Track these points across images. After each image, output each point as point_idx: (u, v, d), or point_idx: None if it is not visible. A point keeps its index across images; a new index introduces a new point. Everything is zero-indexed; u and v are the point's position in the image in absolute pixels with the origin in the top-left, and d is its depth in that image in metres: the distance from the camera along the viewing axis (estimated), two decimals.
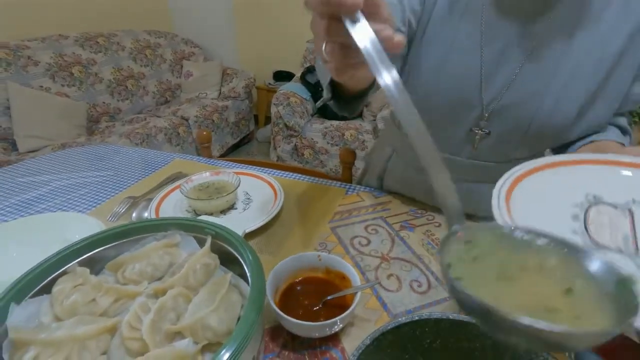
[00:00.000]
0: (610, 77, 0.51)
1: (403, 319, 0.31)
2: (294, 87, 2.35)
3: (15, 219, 0.63)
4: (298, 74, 2.55)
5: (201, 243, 0.42)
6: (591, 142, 0.56)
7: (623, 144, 0.55)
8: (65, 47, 2.09)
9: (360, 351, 0.29)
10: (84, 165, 0.84)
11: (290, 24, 2.95)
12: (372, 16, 0.26)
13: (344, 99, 0.48)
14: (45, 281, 0.36)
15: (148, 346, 0.30)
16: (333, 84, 0.46)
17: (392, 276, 0.52)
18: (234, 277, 0.39)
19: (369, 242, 0.58)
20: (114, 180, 0.77)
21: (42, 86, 1.93)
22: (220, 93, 2.72)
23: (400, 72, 0.59)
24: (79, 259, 0.39)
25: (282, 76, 2.94)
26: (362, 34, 0.25)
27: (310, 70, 2.45)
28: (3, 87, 1.77)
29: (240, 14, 3.06)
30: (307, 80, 2.39)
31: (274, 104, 2.21)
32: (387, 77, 0.25)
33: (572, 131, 0.54)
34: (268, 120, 3.11)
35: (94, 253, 0.40)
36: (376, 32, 0.26)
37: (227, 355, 0.27)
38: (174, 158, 0.88)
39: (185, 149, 2.26)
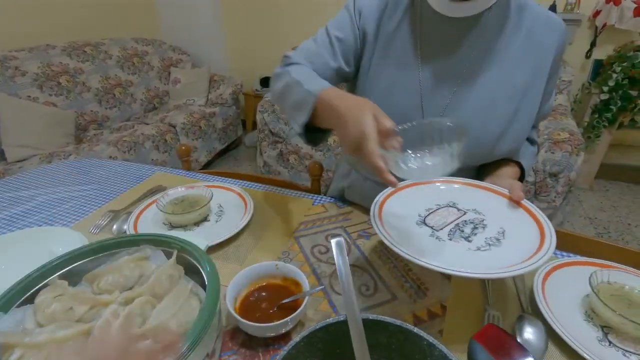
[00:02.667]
0: (521, 103, 0.59)
1: (331, 320, 0.38)
2: None
3: (3, 233, 0.68)
4: None
5: (169, 255, 0.48)
6: (497, 165, 0.67)
7: (520, 164, 0.67)
8: (53, 57, 2.13)
9: (290, 346, 0.35)
10: (69, 179, 0.89)
11: (277, 30, 3.01)
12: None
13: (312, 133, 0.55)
14: (29, 293, 0.42)
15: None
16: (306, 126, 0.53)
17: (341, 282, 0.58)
18: (195, 286, 0.45)
19: (326, 250, 0.65)
20: (97, 194, 0.82)
21: (29, 96, 1.97)
22: (207, 99, 2.77)
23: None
24: (60, 273, 0.45)
25: (269, 82, 3.00)
26: None
27: None
28: None
29: (228, 20, 3.12)
30: None
31: (260, 111, 2.27)
32: None
33: (497, 149, 0.62)
34: (255, 125, 3.17)
35: (73, 266, 0.46)
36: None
37: (177, 354, 0.33)
38: (155, 171, 0.93)
39: (172, 156, 2.30)
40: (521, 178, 0.68)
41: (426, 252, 0.47)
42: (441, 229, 0.53)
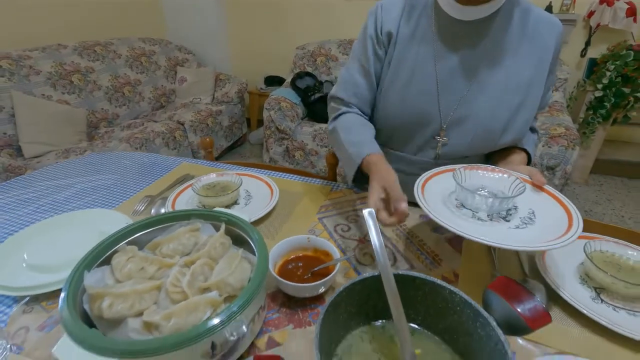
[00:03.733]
0: (527, 95, 0.66)
1: (367, 274, 0.45)
2: (284, 92, 2.48)
3: (51, 216, 0.74)
4: (288, 79, 2.67)
5: (216, 228, 0.55)
6: (507, 152, 0.74)
7: (526, 151, 0.74)
8: (65, 56, 2.19)
9: (336, 294, 0.42)
10: (103, 169, 0.96)
11: (281, 30, 3.08)
12: None
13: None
14: (104, 257, 0.49)
15: (187, 296, 0.43)
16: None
17: (366, 254, 0.65)
18: (244, 252, 0.52)
19: (349, 228, 0.72)
20: (130, 182, 0.89)
21: (44, 94, 2.02)
22: (213, 98, 2.83)
23: (375, 97, 0.77)
24: (127, 240, 0.51)
25: (273, 81, 3.07)
26: None
27: (300, 76, 2.58)
28: (8, 96, 1.86)
29: (232, 21, 3.18)
30: (297, 85, 2.52)
31: (266, 108, 2.33)
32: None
33: (503, 137, 0.69)
34: (260, 123, 3.23)
35: (136, 236, 0.53)
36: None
37: (240, 302, 0.40)
38: (182, 162, 1.00)
39: (181, 152, 2.36)
40: (528, 163, 0.76)
41: (474, 231, 0.50)
42: (478, 210, 0.58)
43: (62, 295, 0.41)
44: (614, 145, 2.68)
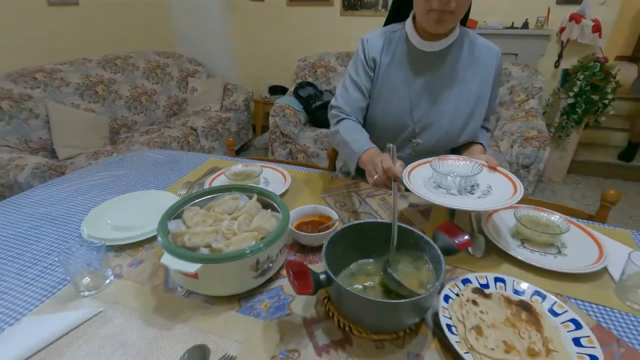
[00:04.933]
0: (475, 106, 0.90)
1: (355, 221, 0.67)
2: (288, 100, 2.72)
3: (117, 195, 0.96)
4: (291, 89, 2.92)
5: (250, 197, 0.78)
6: (467, 146, 0.96)
7: (482, 144, 0.95)
8: (90, 69, 2.43)
9: (335, 232, 0.64)
10: (144, 163, 1.18)
11: (284, 44, 3.34)
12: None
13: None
14: (176, 213, 0.71)
15: (237, 234, 0.65)
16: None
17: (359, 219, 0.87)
18: (271, 213, 0.74)
19: (345, 204, 0.94)
20: (169, 172, 1.11)
21: (73, 103, 2.26)
22: (222, 106, 3.07)
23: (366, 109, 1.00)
24: (191, 204, 0.74)
25: (277, 90, 3.32)
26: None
27: (302, 85, 2.82)
28: (43, 105, 2.09)
29: (238, 34, 3.44)
30: (299, 94, 2.76)
31: (272, 115, 2.57)
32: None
33: (461, 137, 0.93)
34: (264, 129, 3.47)
35: (195, 202, 0.75)
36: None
37: (272, 237, 0.62)
38: (209, 158, 1.22)
39: None
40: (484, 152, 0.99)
41: (451, 201, 0.73)
42: (450, 188, 0.79)
43: (158, 235, 0.63)
44: (589, 148, 2.93)
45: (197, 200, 0.76)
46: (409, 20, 0.90)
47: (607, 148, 2.99)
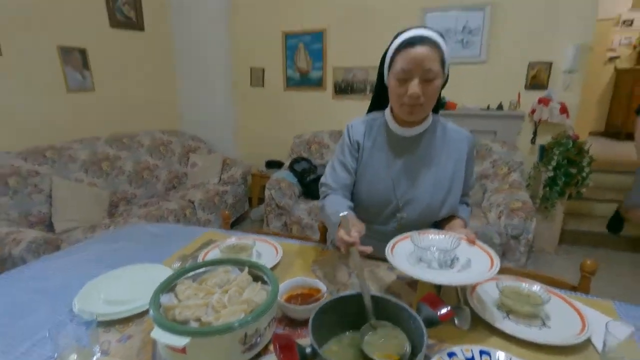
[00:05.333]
0: (452, 185, 0.99)
1: (343, 293, 0.70)
2: (283, 174, 2.85)
3: (112, 269, 0.99)
4: (287, 163, 3.08)
5: (241, 270, 0.81)
6: (449, 220, 1.02)
7: (463, 218, 1.01)
8: (98, 147, 2.59)
9: (323, 304, 0.66)
10: (144, 237, 1.22)
11: (280, 123, 3.61)
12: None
13: None
14: (169, 287, 0.74)
15: (227, 307, 0.67)
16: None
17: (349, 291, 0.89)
18: (261, 285, 0.77)
19: (335, 276, 0.97)
20: (167, 245, 1.15)
21: (77, 178, 2.36)
22: (220, 179, 3.20)
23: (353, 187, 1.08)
24: (183, 277, 0.77)
25: (273, 164, 3.48)
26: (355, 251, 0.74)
27: (297, 160, 2.99)
28: (48, 180, 2.18)
29: (239, 113, 3.74)
30: (295, 168, 2.91)
31: (268, 188, 2.67)
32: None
33: (440, 213, 1.00)
34: (260, 201, 3.56)
35: (188, 275, 0.78)
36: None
37: (261, 309, 0.65)
38: (204, 231, 1.27)
39: None
40: (465, 226, 1.04)
41: (431, 275, 0.76)
42: (431, 262, 0.83)
43: (150, 308, 0.65)
44: (576, 218, 3.01)
45: (190, 274, 0.79)
46: (387, 110, 1.03)
47: (594, 218, 3.07)
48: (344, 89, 3.32)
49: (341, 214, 0.79)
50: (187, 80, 3.61)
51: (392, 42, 0.94)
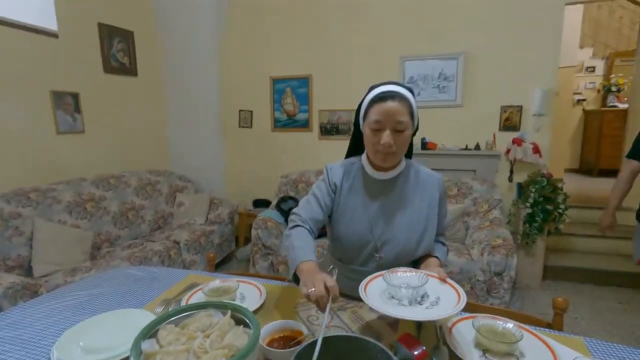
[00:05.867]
0: (427, 225, 1.05)
1: (325, 335, 0.71)
2: (270, 213, 2.88)
3: (92, 315, 0.98)
4: (274, 202, 3.11)
5: (224, 314, 0.82)
6: (425, 258, 1.06)
7: (438, 257, 1.05)
8: (84, 188, 2.59)
9: (301, 347, 0.68)
10: (126, 281, 1.22)
11: (268, 163, 3.69)
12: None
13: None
14: (151, 332, 0.74)
15: (208, 352, 0.68)
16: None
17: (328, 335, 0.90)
18: (243, 329, 0.78)
19: (318, 317, 0.98)
20: (150, 289, 1.14)
21: (60, 220, 2.33)
22: (207, 219, 3.19)
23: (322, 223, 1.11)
24: (166, 322, 0.77)
25: (260, 203, 3.51)
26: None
27: (284, 199, 3.03)
28: (30, 222, 2.15)
29: (227, 155, 3.80)
30: (281, 207, 2.94)
31: (254, 227, 2.68)
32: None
33: (417, 252, 1.05)
34: (247, 240, 3.53)
35: (171, 320, 0.79)
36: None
37: (242, 353, 0.66)
38: (188, 273, 1.27)
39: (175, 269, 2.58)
40: (440, 264, 1.08)
41: (400, 312, 0.79)
42: (402, 299, 0.86)
43: (131, 355, 0.65)
44: (558, 253, 3.07)
45: (172, 319, 0.79)
46: (364, 155, 1.10)
47: (575, 253, 3.14)
48: (329, 130, 3.46)
49: (332, 267, 0.85)
50: (177, 122, 3.71)
51: (366, 94, 1.03)
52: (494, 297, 2.17)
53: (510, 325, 0.85)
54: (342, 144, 3.40)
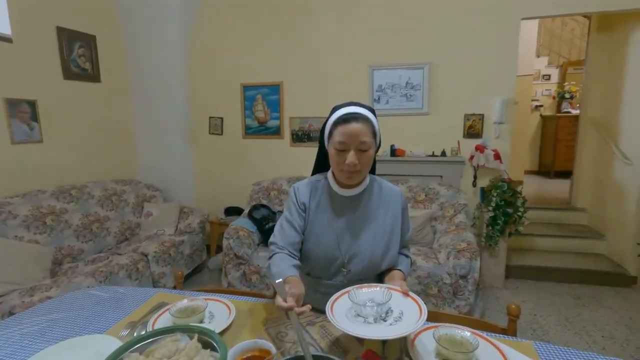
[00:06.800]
0: (391, 237, 1.09)
1: (289, 356, 0.73)
2: (242, 222, 2.85)
3: (52, 344, 0.94)
4: (246, 210, 3.09)
5: (191, 337, 0.82)
6: (389, 271, 1.10)
7: (401, 270, 1.09)
8: (43, 200, 2.46)
9: None
10: (88, 303, 1.18)
11: (239, 170, 3.65)
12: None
13: None
14: None
15: None
16: None
17: (297, 351, 0.92)
18: (211, 352, 0.78)
19: (287, 334, 0.99)
20: (114, 311, 1.11)
21: (16, 236, 2.21)
22: (177, 229, 3.12)
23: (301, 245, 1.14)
24: (130, 350, 0.76)
25: (232, 211, 3.47)
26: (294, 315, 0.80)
27: (256, 207, 3.01)
28: None
29: (197, 163, 3.73)
30: (254, 216, 2.92)
31: (226, 237, 2.65)
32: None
33: (382, 264, 1.09)
34: (219, 249, 3.48)
35: (136, 347, 0.78)
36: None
37: None
38: (156, 292, 1.25)
39: (142, 282, 2.50)
40: (404, 277, 1.13)
41: (365, 330, 0.82)
42: (367, 316, 0.89)
43: None
44: (519, 253, 3.25)
45: (136, 346, 0.78)
46: (329, 172, 1.13)
47: (535, 252, 3.34)
48: (300, 137, 3.48)
49: (276, 281, 0.84)
50: (144, 129, 3.60)
51: (330, 115, 1.06)
52: (460, 299, 2.26)
53: (467, 333, 0.91)
54: (314, 151, 3.41)
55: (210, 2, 3.48)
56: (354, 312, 0.91)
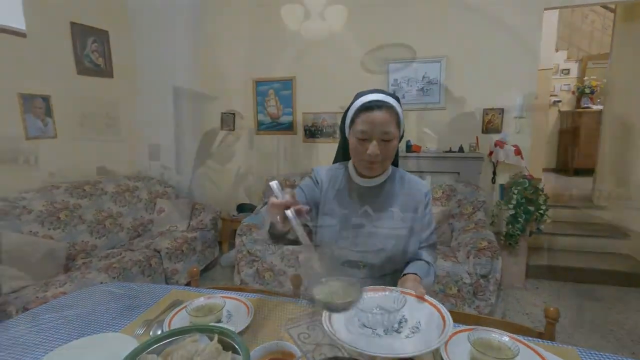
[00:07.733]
0: (412, 228, 1.02)
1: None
2: (255, 219, 2.81)
3: (70, 340, 0.90)
4: (259, 207, 3.05)
5: (210, 338, 0.77)
6: (404, 275, 1.02)
7: (416, 274, 1.00)
8: (57, 196, 2.45)
9: None
10: (103, 300, 1.14)
11: (252, 166, 3.62)
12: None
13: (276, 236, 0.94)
14: None
15: None
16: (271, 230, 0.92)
17: (321, 353, 0.87)
18: (232, 354, 0.73)
19: (309, 335, 0.94)
20: (129, 309, 1.08)
21: (31, 231, 2.20)
22: (189, 225, 3.09)
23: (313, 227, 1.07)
24: (147, 351, 0.72)
25: (245, 208, 3.44)
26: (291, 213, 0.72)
27: None
28: None
29: (210, 158, 3.71)
30: None
31: (239, 234, 2.61)
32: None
33: (401, 261, 1.02)
34: (231, 245, 3.46)
35: (153, 347, 0.73)
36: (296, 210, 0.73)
37: None
38: (170, 289, 1.21)
39: (155, 279, 2.48)
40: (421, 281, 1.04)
41: (373, 347, 0.67)
42: (375, 327, 0.74)
43: None
44: (540, 253, 3.14)
45: (154, 347, 0.74)
46: (350, 162, 1.08)
47: (556, 251, 3.22)
48: (313, 133, 3.42)
49: (271, 183, 0.77)
50: (157, 125, 3.58)
51: (352, 102, 1.00)
52: (480, 299, 2.18)
53: (506, 338, 0.84)
54: (327, 146, 3.38)
55: None
56: (358, 320, 0.78)
